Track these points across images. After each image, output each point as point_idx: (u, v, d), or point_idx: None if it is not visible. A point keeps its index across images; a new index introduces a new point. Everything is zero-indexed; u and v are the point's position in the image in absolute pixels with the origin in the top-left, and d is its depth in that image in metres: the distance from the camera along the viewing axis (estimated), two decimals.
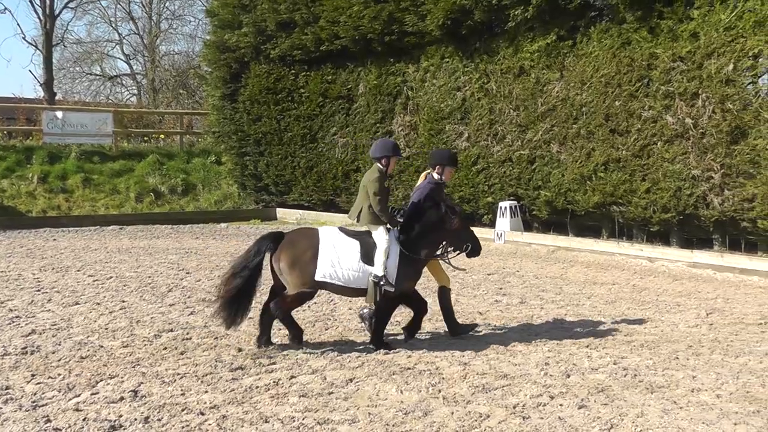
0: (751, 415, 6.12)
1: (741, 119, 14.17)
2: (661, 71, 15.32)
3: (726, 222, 14.83)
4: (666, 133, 15.31)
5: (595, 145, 16.56)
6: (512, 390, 6.75)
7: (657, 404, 6.36)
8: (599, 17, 16.84)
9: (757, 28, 13.89)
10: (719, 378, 7.16)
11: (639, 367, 7.51)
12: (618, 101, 16.06)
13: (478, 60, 19.12)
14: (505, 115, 18.51)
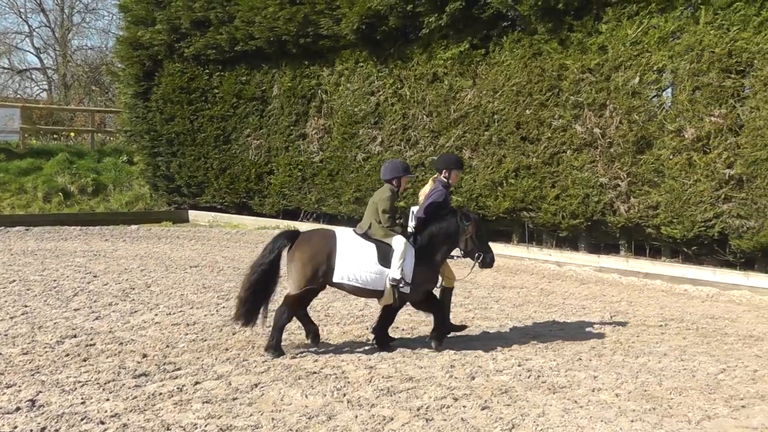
0: (648, 412, 6.28)
1: (646, 130, 14.30)
2: (570, 82, 15.34)
3: (632, 228, 14.92)
4: (575, 142, 15.34)
5: (507, 152, 16.48)
6: (417, 392, 6.68)
7: (558, 404, 6.42)
8: (511, 27, 16.74)
9: (661, 43, 14.09)
10: (619, 378, 7.28)
11: (543, 369, 7.55)
12: (529, 110, 16.02)
13: (393, 65, 18.86)
14: (418, 120, 18.30)
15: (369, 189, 19.15)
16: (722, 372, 7.74)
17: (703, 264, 14.15)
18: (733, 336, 9.59)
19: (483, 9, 16.33)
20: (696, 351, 8.67)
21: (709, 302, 12.25)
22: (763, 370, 7.83)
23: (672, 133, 13.90)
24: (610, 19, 14.77)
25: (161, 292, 11.39)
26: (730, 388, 7.16)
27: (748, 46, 12.91)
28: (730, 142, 13.17)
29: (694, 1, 13.75)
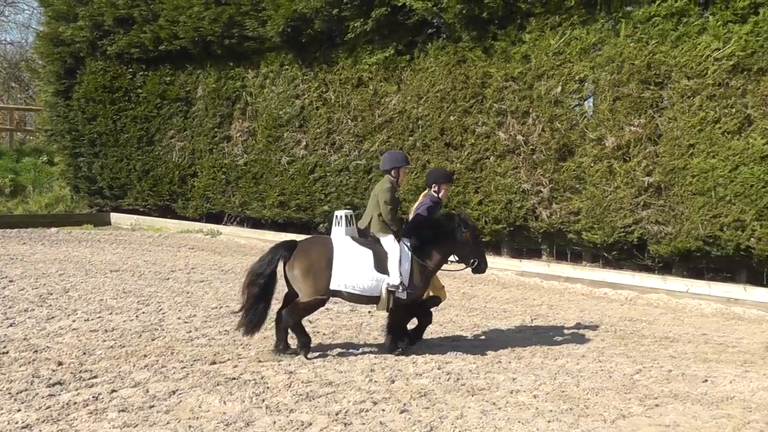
0: (565, 412, 6.25)
1: (568, 138, 14.19)
2: (494, 89, 15.13)
3: (553, 233, 14.79)
4: (498, 149, 15.14)
5: (431, 158, 16.20)
6: (336, 397, 6.55)
7: (477, 406, 6.35)
8: (436, 34, 16.45)
9: (582, 54, 13.99)
10: (538, 379, 7.25)
11: (462, 371, 7.45)
12: (453, 116, 15.76)
13: (318, 69, 18.39)
14: (343, 124, 17.89)
15: (293, 193, 18.72)
16: (638, 372, 7.75)
17: (623, 268, 14.12)
18: (649, 338, 9.63)
19: (408, 15, 15.98)
20: (613, 352, 8.66)
21: (627, 305, 12.26)
22: (678, 370, 7.86)
23: (593, 141, 13.81)
24: (534, 29, 14.62)
25: (80, 298, 10.83)
26: (645, 387, 7.16)
27: (666, 59, 12.89)
28: (649, 150, 13.14)
29: (615, 15, 13.68)
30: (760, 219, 11.87)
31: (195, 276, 13.27)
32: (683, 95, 12.71)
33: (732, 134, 12.19)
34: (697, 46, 12.56)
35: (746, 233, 12.02)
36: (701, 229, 12.48)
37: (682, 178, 12.69)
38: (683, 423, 6.13)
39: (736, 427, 6.04)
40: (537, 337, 9.35)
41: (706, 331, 10.15)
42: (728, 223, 12.19)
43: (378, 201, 8.02)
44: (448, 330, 9.61)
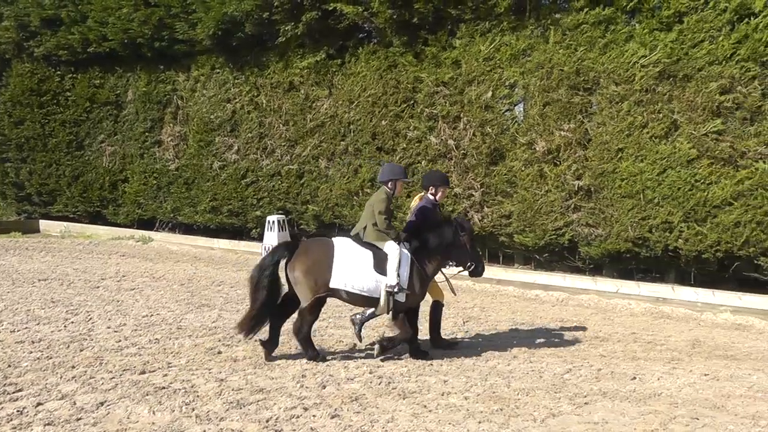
0: (495, 413, 6.10)
1: (499, 142, 13.86)
2: (425, 94, 14.73)
3: (486, 236, 14.42)
4: (430, 153, 14.73)
5: (363, 162, 15.72)
6: (267, 404, 6.27)
7: (408, 409, 6.17)
8: (368, 39, 15.99)
9: (512, 60, 13.69)
10: (469, 381, 7.08)
11: (394, 375, 7.25)
12: (384, 120, 15.30)
13: (249, 73, 17.73)
14: (274, 129, 17.27)
15: (226, 198, 18.02)
16: (568, 372, 7.61)
17: (554, 270, 13.89)
18: (580, 338, 9.45)
19: (339, 20, 15.47)
20: (545, 353, 8.49)
21: (559, 306, 12.03)
22: (607, 369, 7.72)
23: (524, 145, 13.51)
24: (464, 35, 14.26)
25: (6, 308, 10.18)
26: (575, 386, 7.03)
27: (594, 66, 12.66)
28: (579, 155, 12.90)
29: (544, 22, 13.41)
30: (687, 221, 11.73)
31: (126, 284, 12.66)
32: (612, 101, 12.49)
33: (659, 139, 12.01)
34: (624, 53, 12.36)
35: (674, 234, 11.86)
36: (630, 231, 12.29)
37: (611, 181, 12.47)
38: (611, 420, 6.03)
39: (662, 423, 5.96)
40: (468, 339, 9.13)
41: (635, 330, 10.02)
42: (656, 225, 12.03)
43: (373, 211, 7.85)
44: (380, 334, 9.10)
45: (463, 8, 14.02)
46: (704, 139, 11.55)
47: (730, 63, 11.37)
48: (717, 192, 11.41)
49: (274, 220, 16.86)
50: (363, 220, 8.00)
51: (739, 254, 11.42)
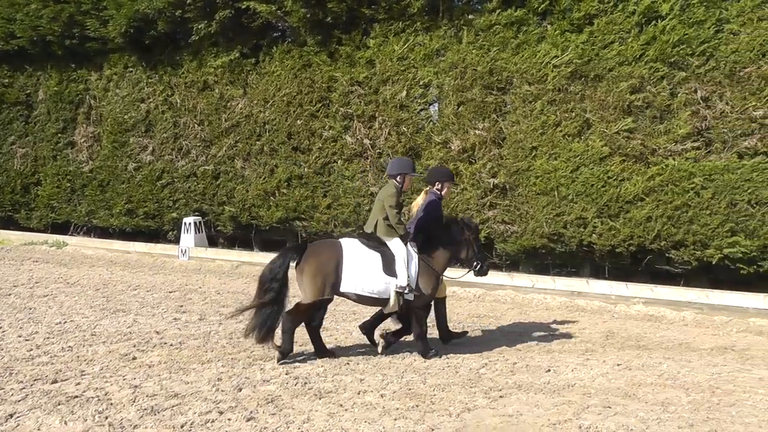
0: (411, 409, 5.85)
1: (415, 141, 13.11)
2: (340, 94, 13.83)
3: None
4: (346, 152, 13.87)
5: (279, 162, 14.71)
6: (182, 409, 5.84)
7: (324, 409, 5.86)
8: (282, 38, 14.95)
9: (426, 60, 12.95)
10: (385, 378, 6.77)
11: (310, 375, 6.87)
12: (300, 120, 14.34)
13: (163, 72, 16.45)
14: (189, 129, 16.06)
15: (141, 200, 16.71)
16: (484, 366, 7.30)
17: None
18: (497, 332, 9.04)
19: (253, 18, 14.40)
20: (461, 349, 8.06)
21: (476, 302, 11.43)
22: (522, 362, 7.45)
23: (439, 144, 12.78)
24: (378, 35, 13.41)
25: None
26: (491, 380, 6.76)
27: (507, 66, 12.03)
28: (493, 153, 12.25)
29: (457, 22, 12.70)
30: (600, 216, 11.25)
31: (38, 290, 11.52)
32: (525, 100, 11.88)
33: (572, 137, 11.48)
34: (536, 54, 11.77)
35: (588, 230, 11.36)
36: (546, 227, 11.74)
37: (526, 179, 11.88)
38: (526, 412, 5.83)
39: (575, 412, 5.78)
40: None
41: (550, 323, 9.63)
42: (571, 221, 11.49)
43: (384, 205, 7.47)
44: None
45: (376, 8, 13.19)
46: (616, 137, 11.08)
47: (639, 63, 10.93)
48: (629, 188, 10.97)
49: (191, 222, 15.72)
50: (373, 215, 7.61)
51: (651, 248, 11.01)
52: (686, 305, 10.25)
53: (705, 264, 10.69)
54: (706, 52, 10.52)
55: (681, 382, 6.73)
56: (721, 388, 6.52)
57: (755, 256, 10.20)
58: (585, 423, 5.55)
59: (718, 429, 5.48)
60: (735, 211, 10.25)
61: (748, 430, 5.51)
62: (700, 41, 10.54)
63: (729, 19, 10.43)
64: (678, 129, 10.65)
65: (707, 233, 10.44)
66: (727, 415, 5.80)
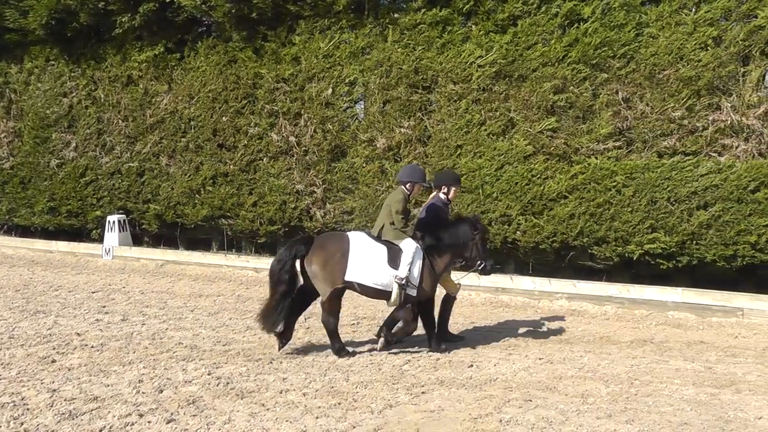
0: (333, 407, 5.54)
1: (340, 139, 12.15)
2: (265, 91, 12.75)
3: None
4: (271, 150, 12.79)
5: (204, 159, 13.52)
6: (101, 413, 5.37)
7: (245, 409, 5.48)
8: (207, 33, 13.76)
9: (352, 58, 12.01)
10: (308, 377, 6.36)
11: (232, 375, 6.40)
12: (225, 117, 13.19)
13: (86, 65, 15.00)
14: (114, 125, 14.68)
15: (64, 198, 15.25)
16: (407, 363, 6.90)
17: None
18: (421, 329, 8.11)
19: (177, 12, 13.17)
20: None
21: None
22: (445, 358, 7.10)
23: (365, 142, 11.86)
24: (303, 32, 12.39)
25: None
26: (413, 377, 6.42)
27: (432, 65, 11.21)
28: (419, 151, 11.39)
29: (383, 21, 11.82)
30: (524, 214, 10.57)
31: None
32: (450, 99, 11.08)
33: (497, 136, 10.74)
34: (461, 53, 10.99)
35: (512, 227, 10.66)
36: None
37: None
38: (448, 407, 5.55)
39: (496, 406, 5.54)
40: (309, 336, 8.01)
41: (474, 319, 9.06)
42: (495, 218, 10.75)
43: (391, 210, 7.17)
44: (221, 334, 8.02)
45: (302, 5, 12.16)
46: (539, 136, 10.39)
47: (562, 64, 10.28)
48: (552, 186, 10.30)
49: (115, 221, 14.35)
50: (380, 219, 7.29)
51: (574, 244, 10.37)
52: (608, 300, 9.81)
53: (626, 260, 10.18)
54: (627, 54, 9.98)
55: (601, 375, 6.50)
56: (639, 380, 6.33)
57: (674, 251, 9.74)
58: (506, 416, 5.30)
59: (635, 418, 5.30)
60: (655, 208, 9.75)
61: (664, 418, 5.32)
62: (621, 44, 9.99)
63: (648, 23, 9.93)
64: (600, 129, 10.06)
65: (628, 230, 9.91)
66: (644, 405, 5.63)
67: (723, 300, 9.10)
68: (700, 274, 9.92)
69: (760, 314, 8.83)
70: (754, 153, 9.30)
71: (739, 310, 8.97)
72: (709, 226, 9.46)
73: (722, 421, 5.33)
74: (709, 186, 9.40)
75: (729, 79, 9.46)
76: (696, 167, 9.49)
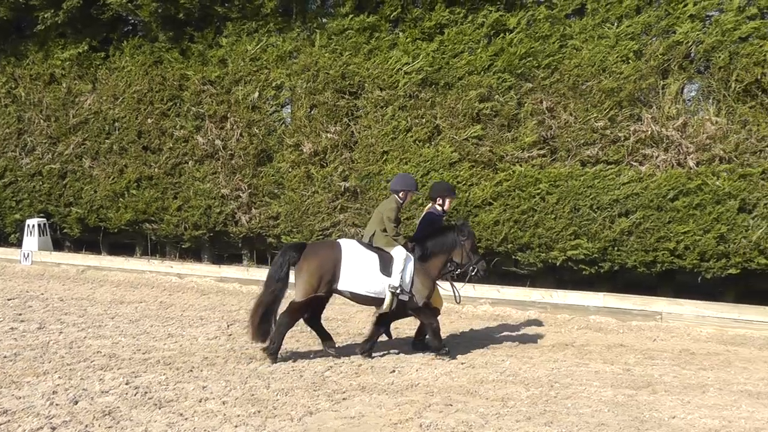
0: (252, 415, 5.15)
1: (267, 143, 11.24)
2: (192, 92, 11.72)
3: (254, 238, 11.76)
4: (197, 153, 11.76)
5: (128, 162, 12.35)
6: (11, 427, 4.82)
7: (163, 419, 5.01)
8: (133, 32, 12.62)
9: (279, 61, 11.13)
10: (228, 385, 5.83)
11: (151, 384, 5.82)
12: (150, 119, 12.08)
13: (5, 62, 13.55)
14: (35, 125, 13.31)
15: None
16: (329, 369, 6.43)
17: None
18: (344, 335, 7.94)
19: (103, 10, 11.97)
20: (307, 352, 7.06)
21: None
22: (367, 364, 6.59)
23: (291, 147, 10.97)
24: (231, 34, 11.44)
25: None
26: (335, 383, 6.00)
27: (359, 71, 10.45)
28: (345, 156, 10.60)
29: (310, 25, 11.02)
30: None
31: None
32: (377, 105, 10.33)
33: (423, 142, 10.05)
34: (388, 60, 10.27)
35: None
36: None
37: (377, 182, 10.34)
38: (368, 413, 5.23)
39: (417, 411, 5.24)
40: (231, 343, 7.35)
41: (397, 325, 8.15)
42: None
43: (383, 217, 6.80)
44: (141, 342, 7.31)
45: (230, 6, 11.24)
46: (465, 144, 9.75)
47: (488, 73, 9.70)
48: (478, 193, 9.69)
49: (35, 224, 12.98)
50: (371, 226, 6.91)
51: (498, 250, 9.77)
52: (531, 305, 9.34)
53: (550, 265, 9.68)
54: (551, 65, 9.48)
55: (522, 378, 6.23)
56: (560, 382, 6.10)
57: (596, 257, 9.28)
58: (426, 421, 5.00)
59: (553, 420, 5.10)
60: (578, 215, 9.25)
61: (582, 420, 5.14)
62: (545, 55, 9.49)
63: (572, 35, 9.48)
64: (525, 137, 9.50)
65: (552, 236, 9.39)
66: (563, 407, 5.43)
67: (643, 304, 8.81)
68: (621, 279, 9.57)
69: (677, 318, 8.61)
70: (673, 163, 8.93)
71: (658, 314, 8.72)
72: (630, 233, 9.06)
73: (638, 421, 5.15)
74: (630, 194, 9.00)
75: (649, 92, 9.09)
76: (618, 176, 9.08)
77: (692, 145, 8.79)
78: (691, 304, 8.64)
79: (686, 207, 8.72)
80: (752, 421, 5.26)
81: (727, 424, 5.18)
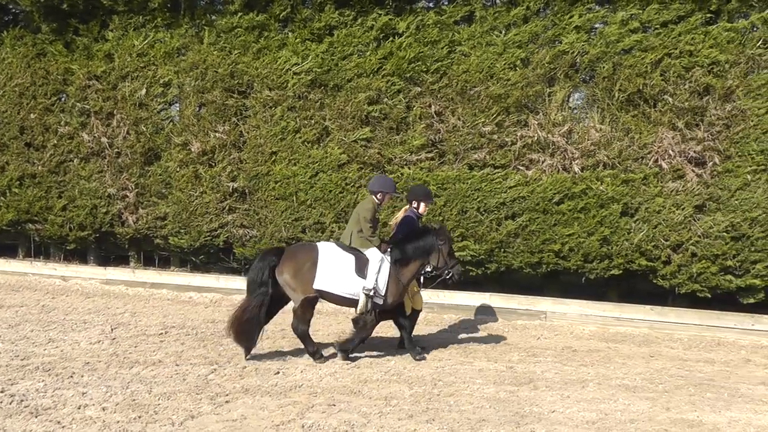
0: (133, 421, 4.59)
1: (154, 142, 9.80)
2: (77, 87, 10.11)
3: (141, 239, 10.31)
4: (83, 151, 10.17)
5: (10, 159, 10.57)
6: None
7: (39, 428, 4.39)
8: (14, 22, 10.83)
9: (167, 58, 9.75)
10: (109, 390, 5.22)
11: (28, 392, 5.13)
12: (33, 114, 10.36)
13: None
14: None
15: None
16: (213, 372, 5.84)
17: (210, 272, 10.10)
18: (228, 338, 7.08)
19: None
20: (192, 355, 6.40)
21: (212, 307, 8.86)
22: (252, 366, 6.06)
23: (179, 146, 9.58)
24: (117, 28, 9.94)
25: None
26: (218, 386, 5.47)
27: (248, 70, 9.22)
28: (233, 156, 9.32)
29: (199, 22, 9.70)
30: (338, 221, 8.85)
31: None
32: (265, 105, 9.12)
33: (312, 143, 8.92)
34: (277, 60, 9.09)
35: (326, 234, 8.91)
36: (284, 231, 9.09)
37: (265, 183, 9.14)
38: (251, 415, 4.81)
39: (300, 412, 4.87)
40: (114, 347, 6.59)
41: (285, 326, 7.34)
42: (309, 225, 8.98)
43: (359, 218, 6.27)
44: (20, 348, 6.45)
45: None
46: (354, 146, 8.69)
47: (377, 76, 8.68)
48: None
49: None
50: (349, 226, 6.42)
51: None
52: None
53: None
54: (440, 70, 8.57)
55: (406, 377, 5.86)
56: (443, 380, 5.78)
57: (483, 259, 8.46)
58: (308, 422, 4.67)
59: (435, 417, 4.85)
60: (465, 217, 8.39)
61: (463, 416, 4.91)
62: (434, 59, 8.56)
63: (461, 41, 8.60)
64: (413, 140, 8.53)
65: None
66: (445, 404, 5.17)
67: (528, 304, 8.29)
68: (507, 280, 8.86)
69: (561, 317, 8.14)
70: (559, 167, 8.21)
71: (542, 313, 8.23)
72: (517, 235, 8.29)
73: (518, 416, 4.95)
74: (517, 197, 8.23)
75: (536, 99, 8.32)
76: (505, 179, 8.28)
77: (577, 151, 8.12)
78: (576, 303, 8.10)
79: (571, 210, 8.06)
80: (628, 413, 5.08)
81: (603, 416, 4.98)
